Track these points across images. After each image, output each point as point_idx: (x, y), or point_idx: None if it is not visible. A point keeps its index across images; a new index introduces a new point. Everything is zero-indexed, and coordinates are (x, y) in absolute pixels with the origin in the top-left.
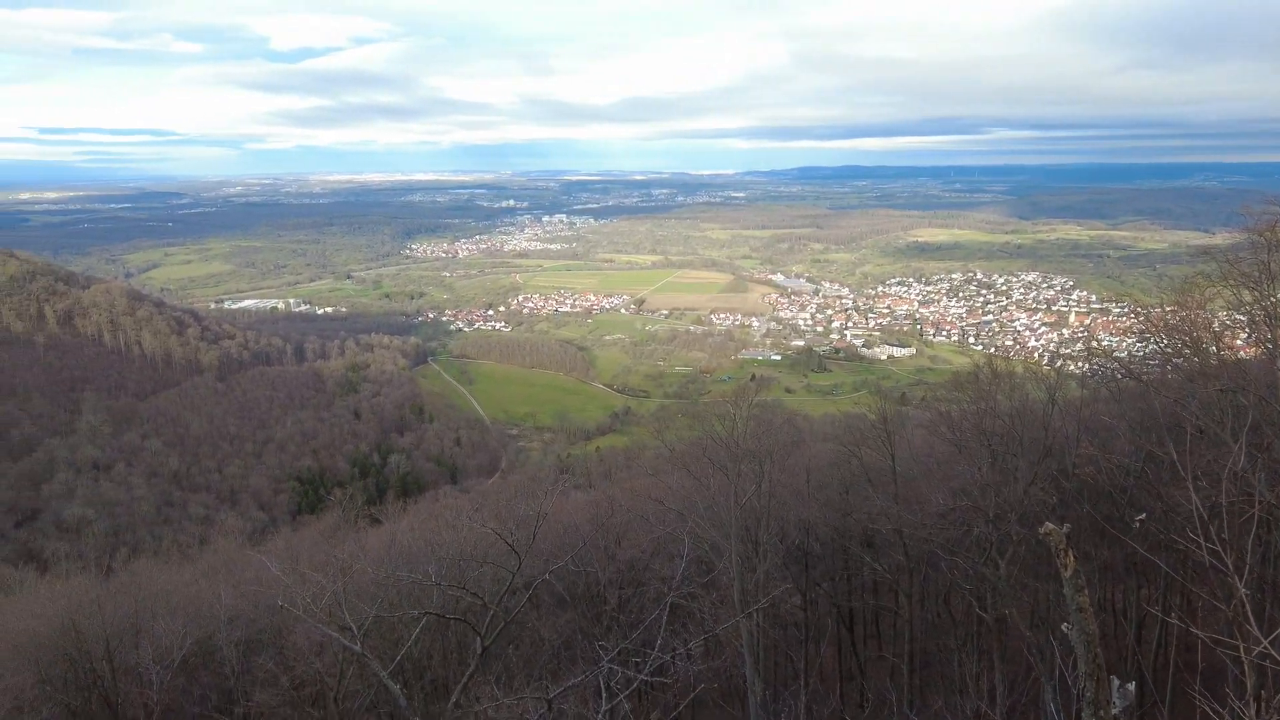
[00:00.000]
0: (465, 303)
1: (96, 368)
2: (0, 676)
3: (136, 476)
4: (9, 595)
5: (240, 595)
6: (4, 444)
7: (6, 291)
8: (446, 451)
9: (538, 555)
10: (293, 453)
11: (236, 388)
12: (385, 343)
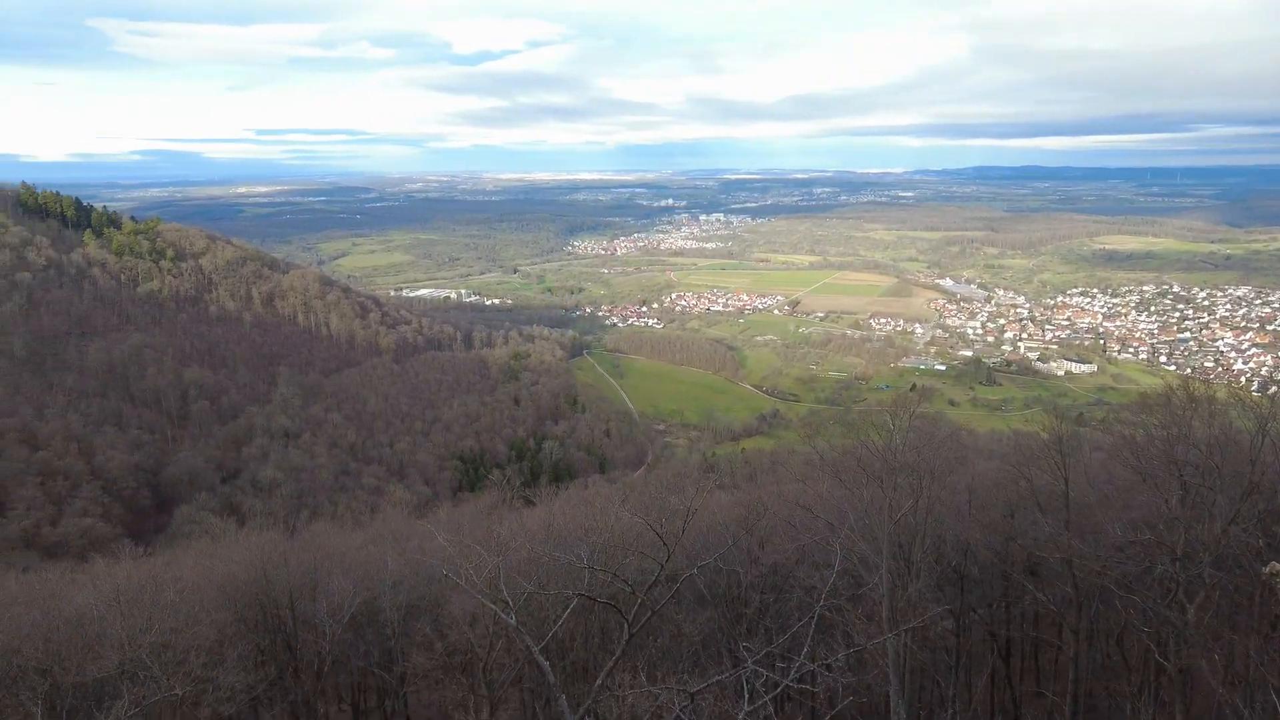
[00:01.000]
0: (621, 299)
1: (291, 345)
2: (207, 611)
3: (320, 446)
4: (215, 542)
5: (405, 562)
6: (216, 409)
7: (223, 274)
8: (596, 442)
9: (683, 551)
10: (457, 433)
11: (410, 370)
12: (545, 334)
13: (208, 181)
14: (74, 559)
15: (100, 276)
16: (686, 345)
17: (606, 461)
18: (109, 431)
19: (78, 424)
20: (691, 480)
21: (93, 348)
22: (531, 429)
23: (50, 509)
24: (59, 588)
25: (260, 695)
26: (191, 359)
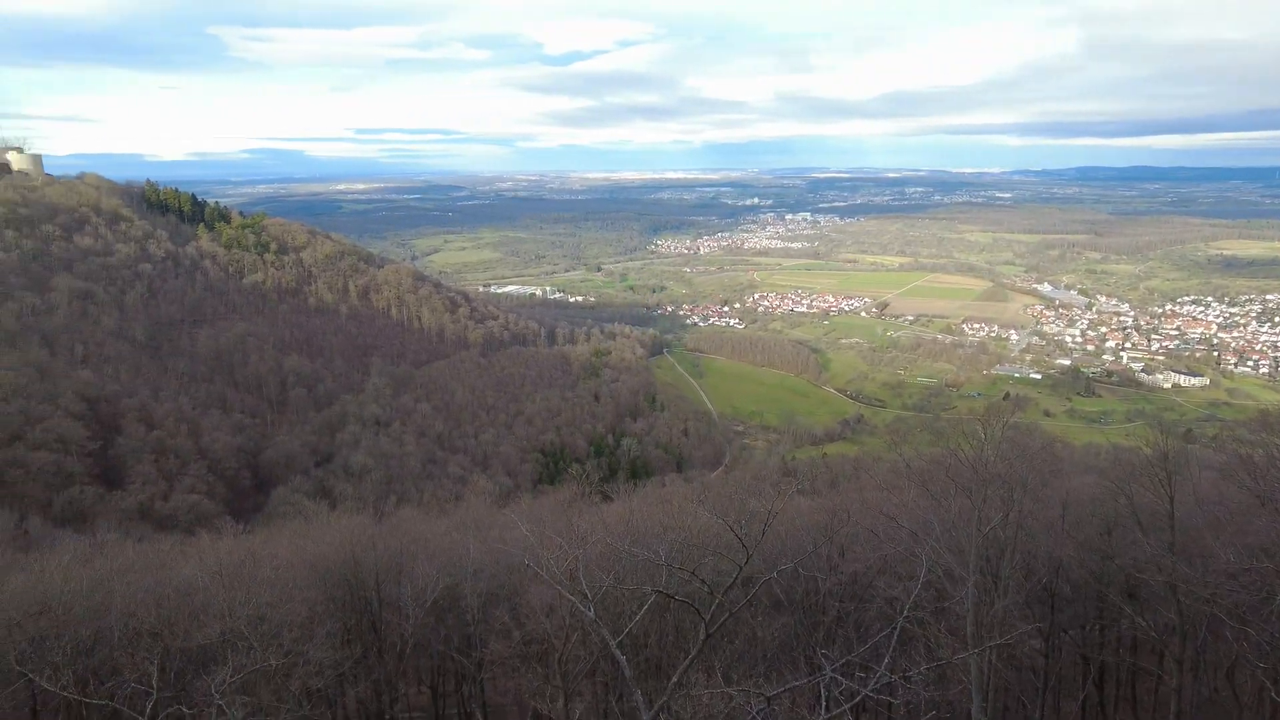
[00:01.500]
0: (702, 298)
1: (384, 337)
2: (300, 589)
3: (409, 434)
4: (308, 523)
5: (486, 550)
6: (312, 396)
7: (322, 268)
8: (674, 441)
9: (761, 554)
10: (539, 427)
11: (496, 364)
12: (626, 332)
13: (310, 179)
14: (182, 532)
15: (211, 268)
16: (768, 346)
17: (684, 461)
18: (215, 414)
19: (188, 406)
20: (770, 483)
21: (202, 335)
22: (610, 425)
23: (163, 484)
24: (169, 558)
25: (346, 672)
26: (291, 348)
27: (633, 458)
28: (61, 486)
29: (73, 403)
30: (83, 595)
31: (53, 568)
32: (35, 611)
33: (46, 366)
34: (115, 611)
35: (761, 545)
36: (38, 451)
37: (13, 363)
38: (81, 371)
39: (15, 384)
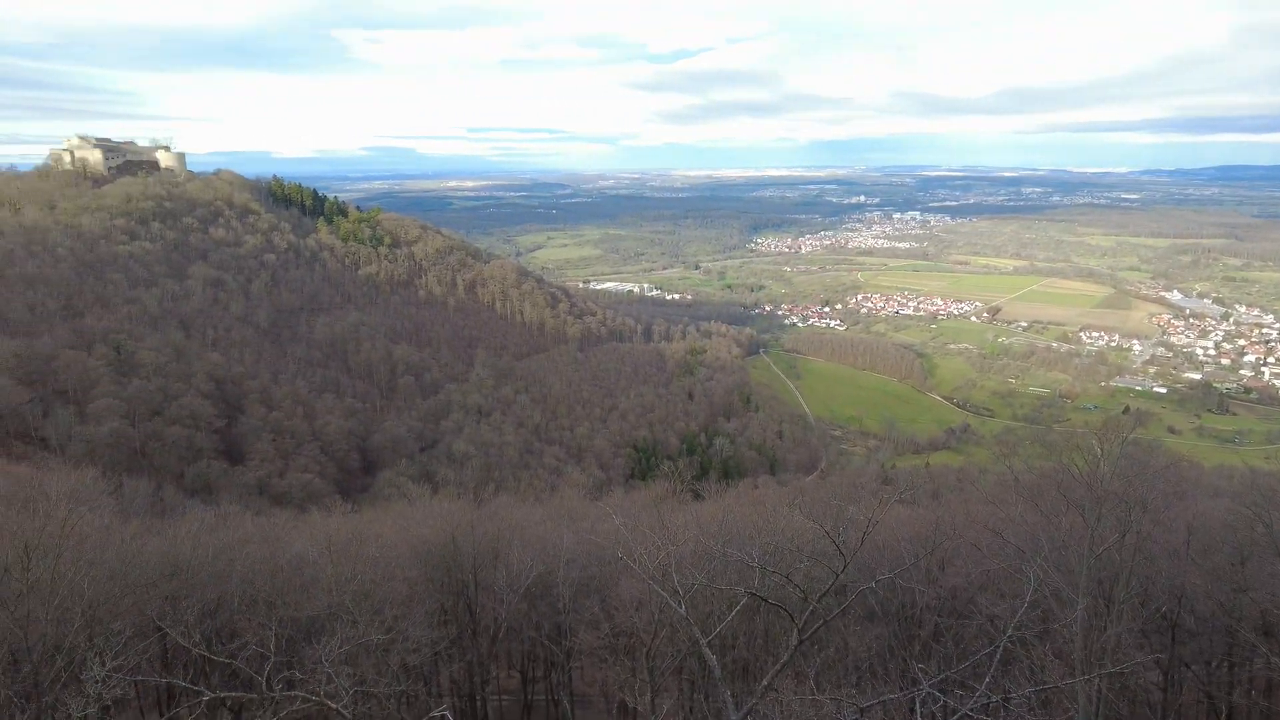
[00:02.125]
0: (802, 298)
1: (488, 330)
2: (401, 568)
3: (508, 425)
4: (411, 505)
5: (579, 541)
6: (419, 384)
7: (432, 261)
8: (768, 442)
9: (858, 563)
10: (632, 422)
11: (593, 359)
12: (722, 331)
13: (423, 175)
14: (295, 508)
15: (329, 259)
16: (870, 349)
17: (777, 463)
18: (329, 398)
19: (304, 389)
20: (868, 491)
21: (319, 323)
22: (703, 424)
23: (279, 462)
24: (283, 533)
25: (441, 651)
26: (401, 337)
27: (725, 457)
28: (192, 459)
29: (203, 383)
30: (208, 562)
31: (183, 535)
32: (168, 573)
33: (182, 348)
34: (235, 579)
35: (859, 554)
36: (173, 426)
37: (155, 344)
38: (212, 354)
39: (156, 363)
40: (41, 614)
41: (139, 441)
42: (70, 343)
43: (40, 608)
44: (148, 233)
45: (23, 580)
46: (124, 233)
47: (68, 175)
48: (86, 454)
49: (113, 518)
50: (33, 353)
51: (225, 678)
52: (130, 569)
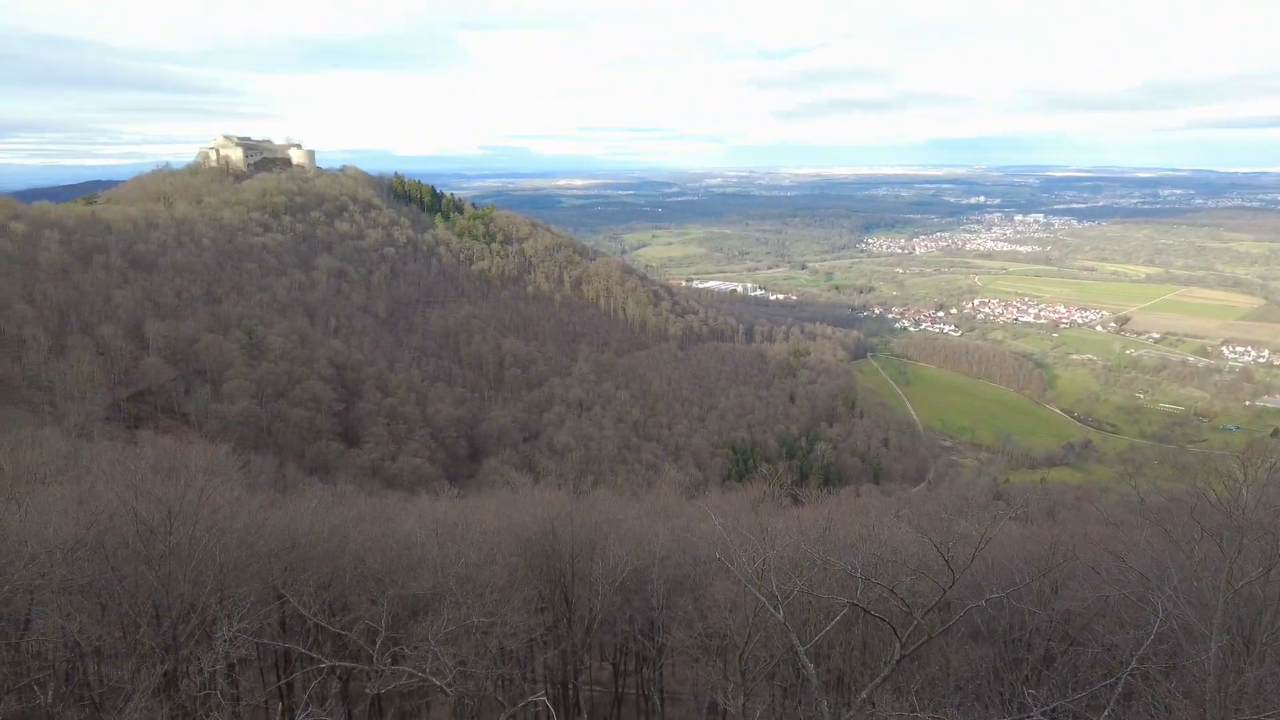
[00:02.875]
0: (914, 301)
1: (591, 326)
2: (502, 554)
3: (608, 419)
4: (513, 493)
5: (674, 539)
6: (525, 376)
7: (541, 258)
8: (873, 450)
9: (966, 580)
10: (730, 422)
11: (693, 358)
12: (827, 333)
13: (534, 174)
14: (405, 490)
15: (444, 254)
16: (985, 357)
17: (881, 472)
18: (440, 387)
19: (418, 378)
20: (979, 505)
21: (434, 314)
22: (804, 427)
23: (392, 446)
24: (394, 513)
25: (537, 638)
26: (509, 331)
27: (826, 463)
28: (312, 440)
29: (325, 368)
30: (324, 537)
31: (303, 510)
32: (288, 545)
33: (307, 334)
34: (349, 555)
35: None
36: (296, 408)
37: (283, 330)
38: (333, 341)
39: (283, 348)
40: (180, 575)
41: (266, 421)
42: (210, 326)
43: (179, 568)
44: (279, 225)
45: (165, 542)
46: (259, 225)
47: (213, 172)
48: (221, 430)
49: (241, 490)
50: (178, 335)
51: (336, 647)
52: (256, 539)
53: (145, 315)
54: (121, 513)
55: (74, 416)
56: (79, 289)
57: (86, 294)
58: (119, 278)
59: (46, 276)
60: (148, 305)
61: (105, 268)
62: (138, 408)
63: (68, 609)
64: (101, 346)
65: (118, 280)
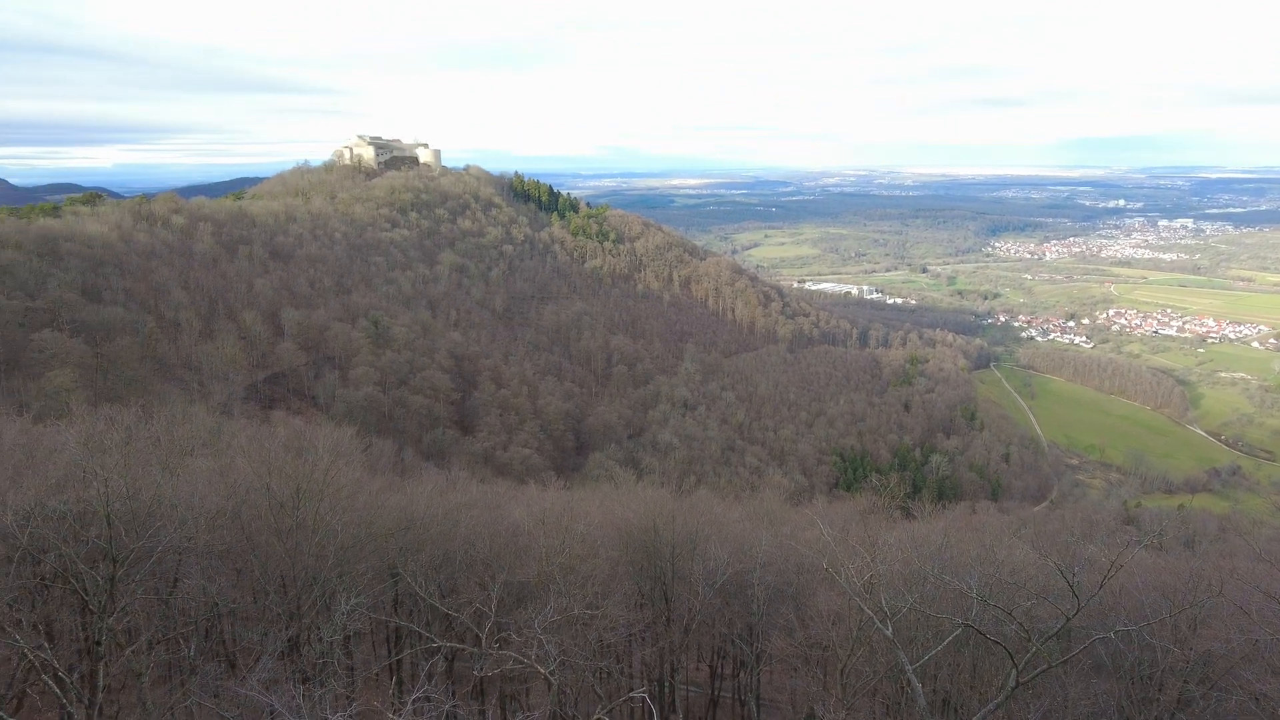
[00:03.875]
0: (1042, 309)
1: (699, 325)
2: (605, 547)
3: (712, 420)
4: (617, 488)
5: (777, 545)
6: (631, 374)
7: (651, 257)
8: (992, 465)
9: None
10: (840, 430)
11: (802, 360)
12: (948, 340)
13: (648, 174)
14: (514, 479)
15: (559, 252)
16: (1120, 371)
17: (1000, 488)
18: (550, 381)
19: (530, 371)
20: (1107, 529)
21: (547, 310)
22: (919, 438)
23: (504, 436)
24: (503, 500)
25: (636, 634)
26: (618, 328)
27: (941, 476)
28: (430, 426)
29: (444, 359)
30: (438, 520)
31: (419, 494)
32: (404, 527)
33: (428, 326)
34: (460, 539)
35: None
36: (416, 395)
37: (406, 321)
38: (452, 333)
39: (407, 338)
40: (305, 548)
41: (388, 406)
42: (339, 316)
43: (305, 542)
44: (406, 222)
45: (293, 516)
46: (387, 221)
47: (346, 169)
48: (346, 413)
49: (363, 472)
50: (310, 323)
51: (443, 628)
52: (374, 519)
53: (282, 303)
54: (256, 487)
55: (218, 395)
56: (226, 277)
57: (232, 282)
58: (260, 268)
59: (199, 265)
60: (285, 294)
61: (249, 258)
62: (273, 389)
63: (209, 572)
64: (243, 331)
65: (259, 270)
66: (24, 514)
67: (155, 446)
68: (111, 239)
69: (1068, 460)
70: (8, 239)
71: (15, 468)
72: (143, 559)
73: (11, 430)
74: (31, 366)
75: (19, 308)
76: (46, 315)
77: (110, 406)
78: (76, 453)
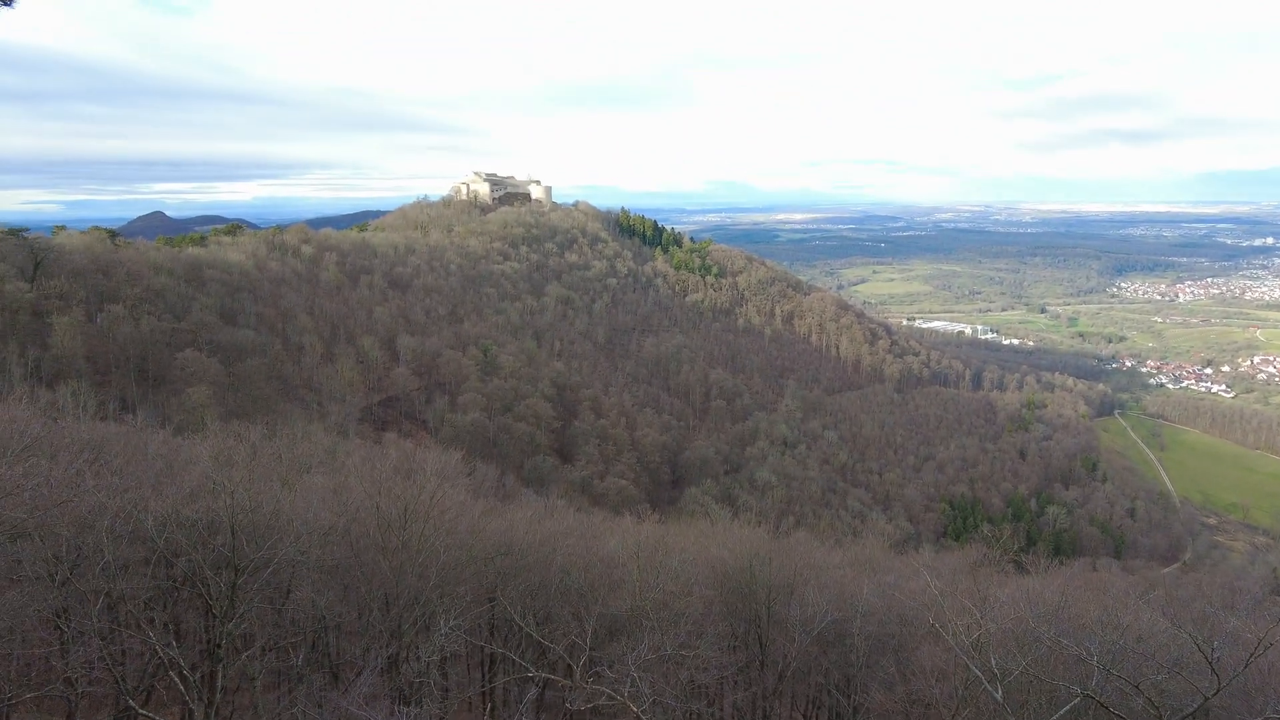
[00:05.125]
0: (1174, 355)
1: (801, 361)
2: (699, 585)
3: (812, 459)
4: (712, 525)
5: (879, 594)
6: (730, 409)
7: (754, 291)
8: (1115, 519)
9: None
10: (950, 475)
11: (910, 402)
12: (1068, 385)
13: (754, 209)
14: (610, 510)
15: (661, 286)
16: (1267, 424)
17: (1124, 545)
18: (648, 413)
19: (629, 402)
20: (1252, 598)
21: (647, 343)
22: (1035, 488)
23: (601, 466)
24: (599, 531)
25: (728, 676)
26: (717, 362)
27: (1058, 530)
28: (531, 453)
29: (547, 387)
30: (535, 547)
31: (518, 520)
32: (502, 552)
33: (533, 355)
34: (556, 567)
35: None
36: (519, 422)
37: (514, 350)
38: (556, 362)
39: (513, 367)
40: (409, 568)
41: (492, 432)
42: (451, 343)
43: (409, 562)
44: (517, 255)
45: (400, 536)
46: (499, 254)
47: (463, 204)
48: (453, 437)
49: (467, 496)
50: (424, 349)
51: (537, 655)
52: (475, 542)
53: (399, 330)
54: (367, 506)
55: (335, 415)
56: (348, 304)
57: (354, 309)
58: (380, 296)
59: (324, 293)
60: (401, 321)
61: (370, 287)
62: (386, 412)
63: (319, 585)
64: (361, 356)
65: (379, 298)
66: (162, 520)
67: (277, 463)
68: (248, 266)
69: (1204, 519)
70: (161, 266)
71: (157, 476)
72: (261, 569)
73: (155, 441)
74: (175, 382)
75: (167, 328)
76: (189, 336)
77: (239, 423)
78: (208, 466)
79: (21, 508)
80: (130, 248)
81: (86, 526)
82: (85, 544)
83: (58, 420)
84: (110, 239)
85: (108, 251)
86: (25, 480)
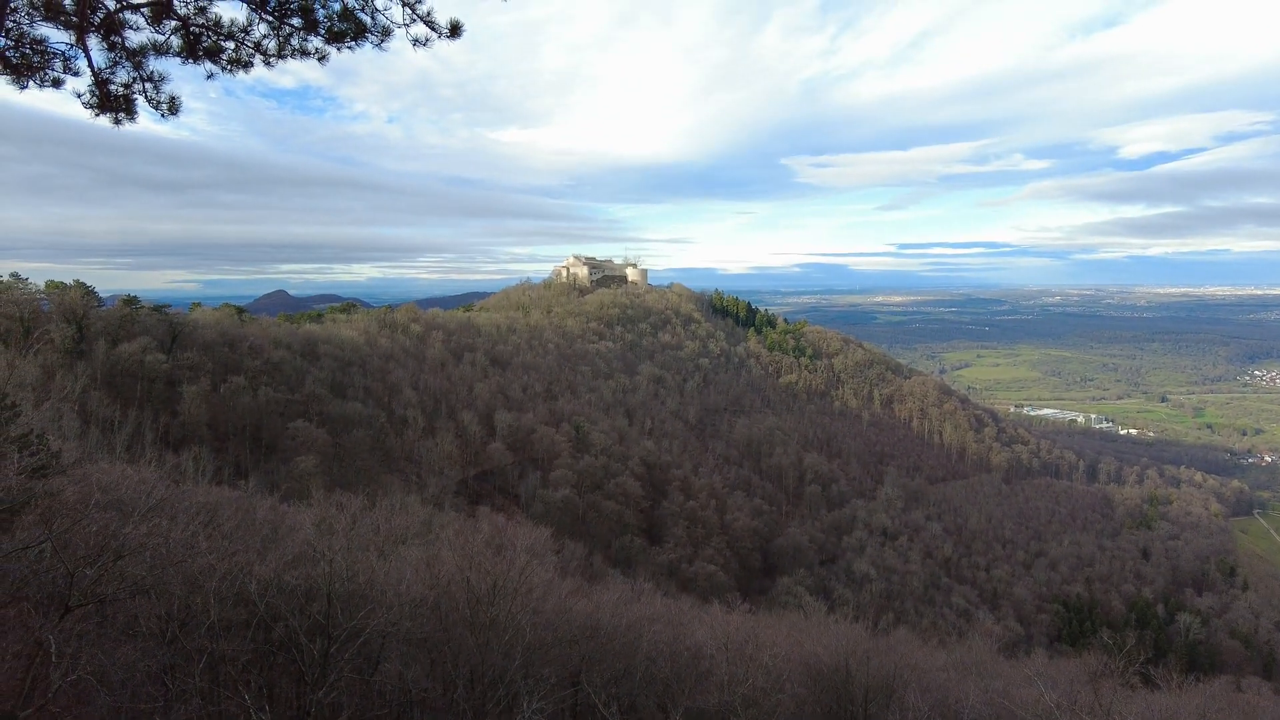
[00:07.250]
0: None
1: (901, 448)
2: (790, 682)
3: (914, 552)
4: (806, 619)
5: (987, 702)
6: (825, 495)
7: (850, 374)
8: (1261, 632)
9: None
10: (1063, 574)
11: (1019, 493)
12: (1197, 480)
13: (850, 290)
14: (698, 596)
15: (754, 366)
16: None
17: (1275, 663)
18: (739, 496)
19: (719, 484)
20: None
21: (738, 424)
22: (1161, 592)
23: (690, 549)
24: (687, 618)
25: None
26: (811, 446)
27: (1192, 640)
28: (619, 533)
29: (637, 466)
30: (621, 631)
31: (605, 602)
32: (588, 634)
33: (624, 433)
34: (641, 654)
35: None
36: (608, 500)
37: (605, 427)
38: (646, 441)
39: (604, 444)
40: (495, 645)
41: (582, 509)
42: (545, 420)
43: (495, 639)
44: (611, 334)
45: (488, 612)
46: (595, 334)
47: (562, 286)
48: (544, 513)
49: (555, 574)
50: (520, 425)
51: None
52: (561, 622)
53: (497, 406)
54: (457, 579)
55: (432, 488)
56: (450, 380)
57: (455, 385)
58: (481, 373)
59: (429, 369)
60: (500, 398)
61: (472, 364)
62: (481, 486)
63: (406, 658)
64: (460, 430)
65: (480, 375)
66: (264, 584)
67: (375, 533)
68: (359, 342)
69: None
70: (281, 340)
71: (263, 541)
72: (353, 638)
73: (263, 507)
74: (285, 451)
75: (282, 400)
76: (301, 407)
77: (341, 492)
78: (310, 533)
79: (143, 565)
80: (254, 323)
81: (196, 587)
82: (194, 604)
83: (180, 483)
84: (238, 315)
85: (235, 326)
86: (148, 539)
